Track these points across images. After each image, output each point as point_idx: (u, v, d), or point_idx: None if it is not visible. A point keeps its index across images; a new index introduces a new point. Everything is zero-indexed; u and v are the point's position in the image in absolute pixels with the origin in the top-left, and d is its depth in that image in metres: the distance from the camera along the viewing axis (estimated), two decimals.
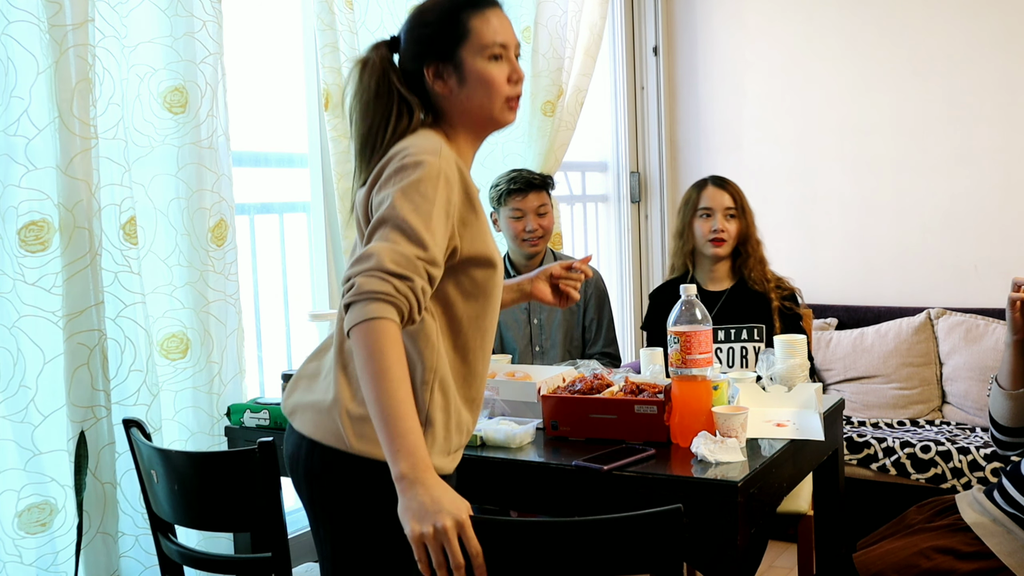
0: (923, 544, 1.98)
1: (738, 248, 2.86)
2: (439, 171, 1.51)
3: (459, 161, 1.59)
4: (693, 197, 2.88)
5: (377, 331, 1.41)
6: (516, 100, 1.67)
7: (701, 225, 2.84)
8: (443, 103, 1.65)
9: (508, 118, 1.67)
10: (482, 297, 1.63)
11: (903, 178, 4.08)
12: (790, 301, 2.83)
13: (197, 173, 2.41)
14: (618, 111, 4.53)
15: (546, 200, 3.03)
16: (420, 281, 1.46)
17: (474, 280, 1.61)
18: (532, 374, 2.35)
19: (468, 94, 1.62)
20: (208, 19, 2.41)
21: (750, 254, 2.84)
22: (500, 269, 1.65)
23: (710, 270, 2.89)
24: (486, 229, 1.62)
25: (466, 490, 2.03)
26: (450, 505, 1.36)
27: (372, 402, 1.41)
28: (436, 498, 1.36)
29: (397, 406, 1.40)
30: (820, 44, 4.22)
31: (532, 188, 3.00)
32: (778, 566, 3.38)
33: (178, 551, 1.96)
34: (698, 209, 2.85)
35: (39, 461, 2.09)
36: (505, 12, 1.70)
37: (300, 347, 3.02)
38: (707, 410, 1.95)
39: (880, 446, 3.38)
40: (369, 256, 1.44)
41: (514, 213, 2.99)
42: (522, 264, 3.09)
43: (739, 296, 2.86)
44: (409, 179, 1.49)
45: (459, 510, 1.37)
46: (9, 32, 2.04)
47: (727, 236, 2.82)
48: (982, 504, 2.04)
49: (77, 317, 2.10)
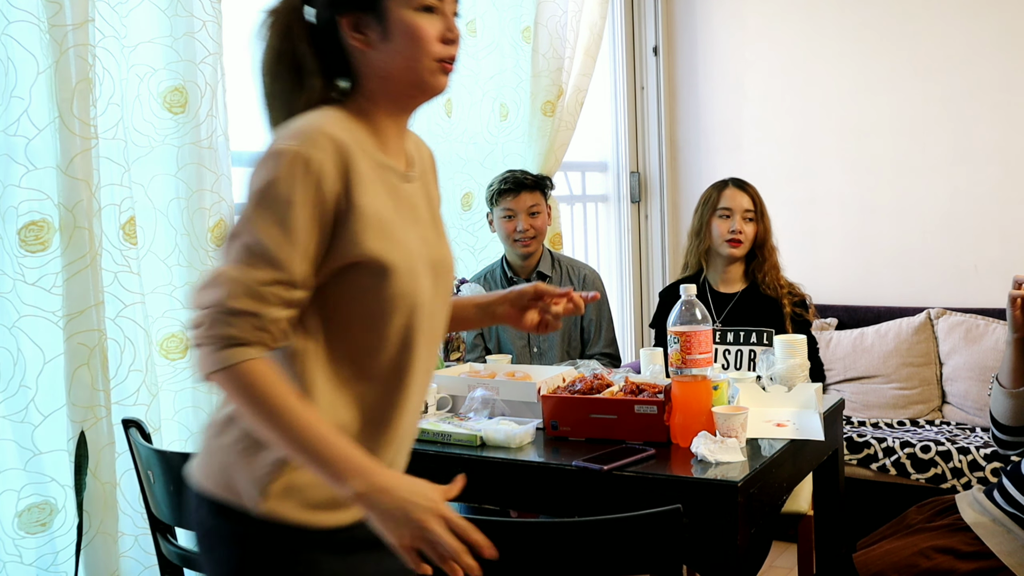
0: (923, 544, 1.98)
1: (753, 251, 2.86)
2: (301, 162, 1.25)
3: (347, 146, 1.30)
4: (713, 197, 2.88)
5: (244, 375, 1.22)
6: (451, 63, 1.38)
7: (719, 225, 2.84)
8: (360, 63, 1.36)
9: (439, 83, 1.37)
10: (386, 315, 1.32)
11: (903, 178, 4.08)
12: (800, 307, 2.83)
13: (197, 173, 2.42)
14: (618, 111, 4.53)
15: (539, 200, 3.02)
16: (272, 311, 1.24)
17: (366, 291, 1.31)
18: (532, 374, 2.35)
19: (391, 51, 1.34)
20: (208, 19, 2.41)
21: (765, 258, 2.84)
22: (404, 277, 1.31)
23: (723, 271, 2.89)
24: (385, 227, 1.31)
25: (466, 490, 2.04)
26: (419, 499, 1.23)
27: (282, 443, 1.24)
28: (401, 502, 1.22)
29: (310, 431, 1.23)
30: (820, 44, 4.22)
31: (523, 188, 3.00)
32: (778, 566, 3.38)
33: (177, 552, 1.96)
34: (717, 209, 2.85)
35: (39, 461, 2.09)
36: None
37: None
38: (707, 410, 1.95)
39: (880, 446, 3.38)
40: (215, 284, 1.24)
41: (505, 213, 3.00)
42: (518, 265, 3.09)
43: (750, 299, 2.85)
44: (265, 179, 1.26)
45: (428, 499, 1.23)
46: (9, 32, 2.04)
47: (744, 238, 2.82)
48: (982, 504, 2.04)
49: (77, 317, 2.10)
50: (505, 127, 3.55)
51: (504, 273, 3.10)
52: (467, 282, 2.76)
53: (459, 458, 2.02)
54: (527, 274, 3.09)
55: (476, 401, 2.21)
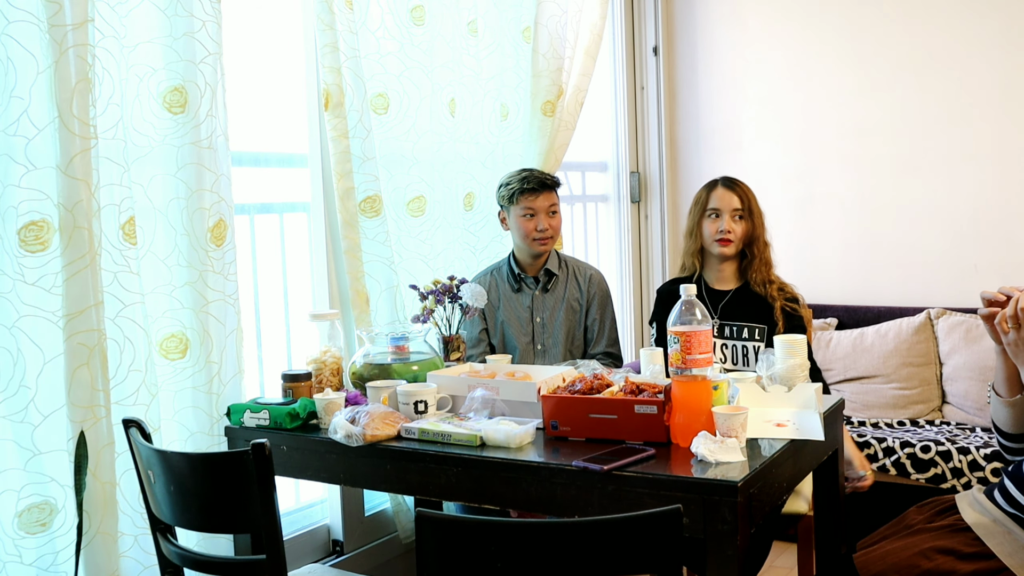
0: (924, 545, 1.98)
1: (744, 250, 2.88)
2: None
3: None
4: (703, 197, 2.92)
5: None
6: None
7: (709, 225, 2.88)
8: None
9: None
10: None
11: (903, 178, 4.08)
12: (792, 303, 2.86)
13: (196, 173, 2.41)
14: (618, 111, 4.53)
15: (556, 200, 3.05)
16: None
17: None
18: (532, 374, 2.35)
19: None
20: (208, 19, 2.41)
21: (756, 255, 2.87)
22: None
23: (717, 269, 2.93)
24: None
25: (466, 490, 2.04)
26: None
27: None
28: None
29: None
30: (820, 44, 4.22)
31: (545, 188, 3.02)
32: (778, 566, 3.38)
33: (177, 552, 1.96)
34: (707, 209, 2.89)
35: (39, 461, 2.09)
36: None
37: (300, 347, 3.02)
38: (707, 410, 1.95)
39: (880, 446, 3.38)
40: None
41: (526, 212, 3.01)
42: (528, 263, 3.10)
43: (743, 296, 2.88)
44: None
45: None
46: (9, 32, 2.04)
47: (733, 237, 2.85)
48: (983, 504, 2.04)
49: (77, 317, 2.10)
50: (506, 127, 3.54)
51: (512, 271, 3.12)
52: (467, 282, 2.76)
53: (459, 458, 2.03)
54: (535, 272, 3.10)
55: (476, 401, 2.21)
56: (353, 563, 2.95)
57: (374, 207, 2.95)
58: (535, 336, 3.09)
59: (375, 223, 2.96)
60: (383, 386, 2.30)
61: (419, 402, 2.23)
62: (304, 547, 2.90)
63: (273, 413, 2.33)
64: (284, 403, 2.34)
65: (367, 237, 2.96)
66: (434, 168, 3.26)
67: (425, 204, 3.22)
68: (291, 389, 2.42)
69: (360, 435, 2.11)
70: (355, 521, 3.02)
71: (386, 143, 3.08)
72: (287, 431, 2.30)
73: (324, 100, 2.84)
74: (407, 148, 3.15)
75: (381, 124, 3.06)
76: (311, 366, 2.52)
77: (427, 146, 3.22)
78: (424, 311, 2.70)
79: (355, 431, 2.12)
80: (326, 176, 2.95)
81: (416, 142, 3.17)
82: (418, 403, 2.23)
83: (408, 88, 3.12)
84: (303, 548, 2.89)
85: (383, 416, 2.16)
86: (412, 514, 3.06)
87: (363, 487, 2.78)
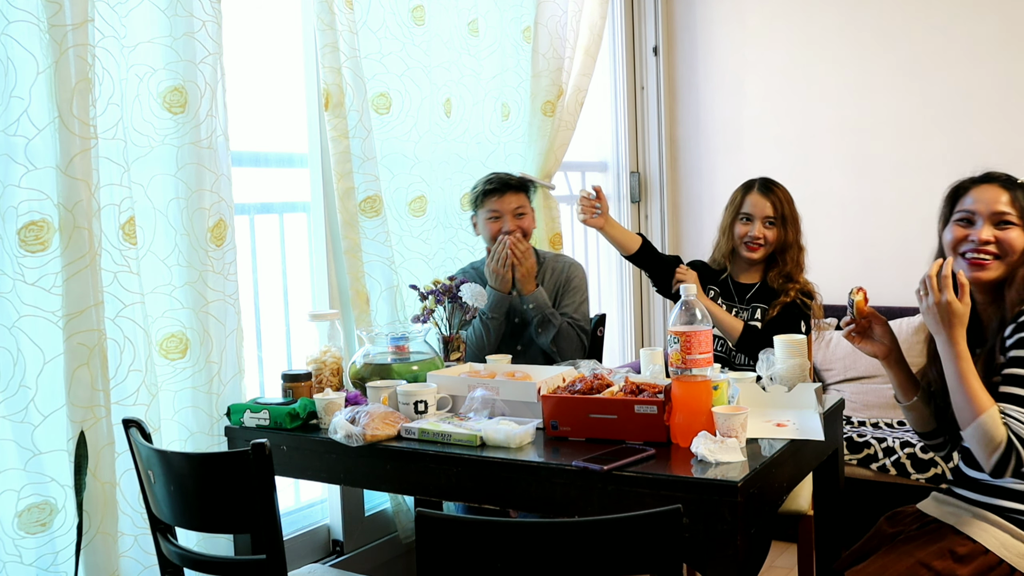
0: (918, 553, 1.96)
1: (774, 255, 2.91)
2: None
3: None
4: (738, 199, 2.94)
5: None
6: None
7: (740, 228, 2.91)
8: None
9: None
10: None
11: (903, 178, 4.07)
12: (806, 296, 2.88)
13: (196, 173, 2.41)
14: (618, 111, 4.52)
15: (524, 202, 3.03)
16: None
17: None
18: (532, 374, 2.35)
19: None
20: (208, 19, 2.41)
21: (785, 263, 2.89)
22: None
23: (746, 269, 2.97)
24: None
25: (466, 490, 2.04)
26: None
27: None
28: None
29: None
30: (820, 44, 4.22)
31: (509, 189, 3.00)
32: (778, 566, 3.38)
33: (177, 552, 1.96)
34: (739, 213, 2.91)
35: (39, 461, 2.09)
36: None
37: (300, 347, 3.02)
38: (707, 410, 1.95)
39: (880, 446, 3.38)
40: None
41: (492, 214, 2.99)
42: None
43: (766, 290, 2.93)
44: None
45: None
46: (9, 32, 2.04)
47: (764, 243, 2.88)
48: (955, 504, 2.04)
49: (77, 317, 2.10)
50: (506, 127, 3.55)
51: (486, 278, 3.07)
52: (466, 282, 2.76)
53: (459, 458, 2.03)
54: None
55: (476, 401, 2.21)
56: (353, 563, 2.95)
57: (374, 207, 2.95)
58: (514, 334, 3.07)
59: (375, 223, 2.96)
60: (383, 386, 2.30)
61: (419, 402, 2.23)
62: (304, 547, 2.90)
63: (273, 413, 2.33)
64: (284, 403, 2.34)
65: (367, 237, 2.96)
66: (435, 168, 3.26)
67: (426, 204, 3.22)
68: (291, 389, 2.42)
69: (360, 435, 2.11)
70: (355, 521, 3.02)
71: (387, 143, 3.08)
72: (287, 431, 2.30)
73: (324, 100, 2.84)
74: (408, 148, 3.16)
75: (382, 124, 3.06)
76: (311, 366, 2.52)
77: (428, 146, 3.22)
78: (424, 311, 2.70)
79: (355, 431, 2.12)
80: (326, 176, 2.95)
81: (417, 142, 3.17)
82: (418, 403, 2.23)
83: (409, 88, 3.12)
84: (303, 548, 2.89)
85: (383, 416, 2.16)
86: (412, 514, 3.06)
87: (363, 487, 2.78)
